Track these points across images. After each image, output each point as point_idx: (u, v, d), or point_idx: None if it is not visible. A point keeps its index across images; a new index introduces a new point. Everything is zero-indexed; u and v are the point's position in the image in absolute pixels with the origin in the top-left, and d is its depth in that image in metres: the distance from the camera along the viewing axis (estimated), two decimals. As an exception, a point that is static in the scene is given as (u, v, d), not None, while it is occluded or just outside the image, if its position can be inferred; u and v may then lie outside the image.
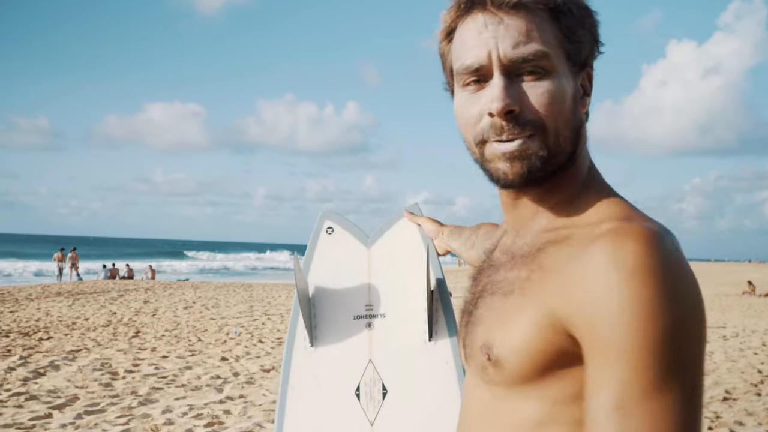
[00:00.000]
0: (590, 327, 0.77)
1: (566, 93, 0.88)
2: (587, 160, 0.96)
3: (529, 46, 0.86)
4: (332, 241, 1.80)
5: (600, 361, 0.76)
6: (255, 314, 13.13)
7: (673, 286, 0.74)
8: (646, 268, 0.74)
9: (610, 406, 0.74)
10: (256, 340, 9.70)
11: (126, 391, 6.24)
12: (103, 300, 15.27)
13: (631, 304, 0.74)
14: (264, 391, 6.36)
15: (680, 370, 0.73)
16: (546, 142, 0.88)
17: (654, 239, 0.77)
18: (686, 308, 0.75)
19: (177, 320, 11.83)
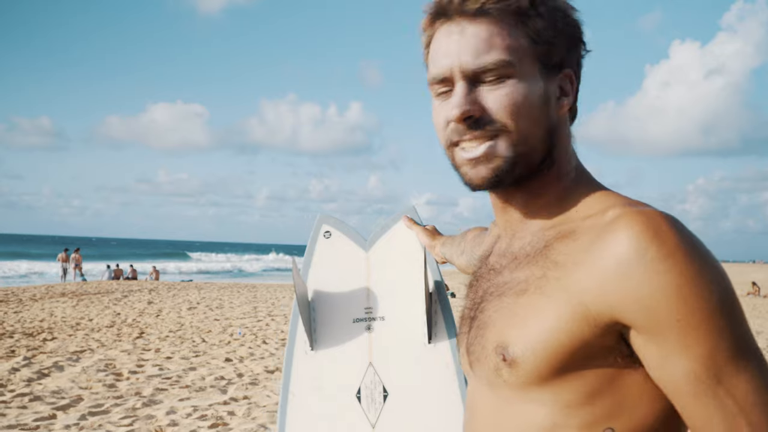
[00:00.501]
0: (647, 311, 0.79)
1: (532, 95, 0.90)
2: (573, 159, 0.98)
3: (490, 55, 0.88)
4: (330, 245, 1.80)
5: (676, 339, 0.78)
6: (259, 315, 13.12)
7: (708, 261, 0.78)
8: (681, 246, 0.78)
9: (710, 377, 0.77)
10: (260, 341, 9.69)
11: (130, 392, 6.23)
12: (107, 301, 15.28)
13: (684, 281, 0.76)
14: (268, 392, 6.35)
15: (746, 331, 0.78)
16: (512, 144, 0.90)
17: (670, 219, 0.81)
18: (725, 278, 0.79)
19: (181, 321, 11.83)
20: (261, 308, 14.57)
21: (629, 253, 0.79)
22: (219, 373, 7.24)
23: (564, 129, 0.97)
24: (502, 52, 0.88)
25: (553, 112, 0.94)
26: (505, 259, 0.98)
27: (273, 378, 7.02)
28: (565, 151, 0.97)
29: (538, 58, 0.91)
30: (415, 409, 1.66)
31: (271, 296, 18.19)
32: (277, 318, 12.63)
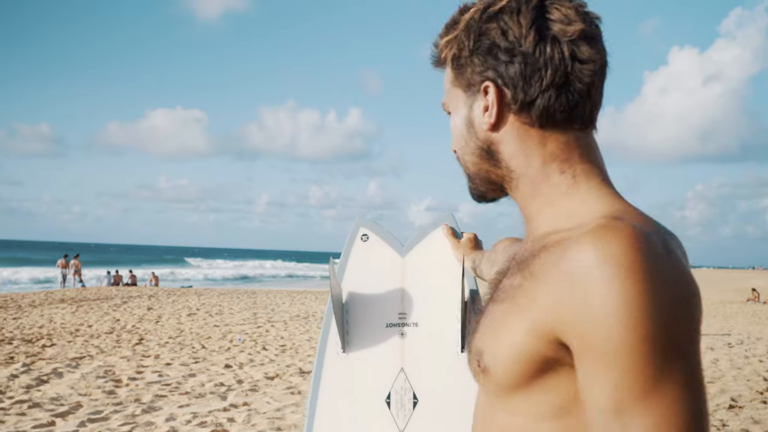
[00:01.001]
0: (579, 331, 0.77)
1: (458, 124, 1.01)
2: (549, 165, 0.94)
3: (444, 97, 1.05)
4: (367, 249, 1.82)
5: (592, 365, 0.76)
6: (259, 321, 13.10)
7: (657, 283, 0.74)
8: (633, 269, 0.73)
9: (610, 410, 0.74)
10: (260, 347, 9.67)
11: (129, 399, 6.21)
12: (106, 307, 15.26)
13: (617, 304, 0.73)
14: (268, 398, 6.33)
15: (672, 365, 0.73)
16: (463, 169, 1.05)
17: (636, 236, 0.77)
18: (673, 303, 0.74)
19: (181, 327, 11.81)
20: (261, 314, 14.55)
21: (580, 270, 0.77)
22: (219, 379, 7.22)
23: (510, 141, 0.95)
24: (444, 95, 1.04)
25: (480, 132, 0.97)
26: (512, 263, 0.98)
27: (273, 384, 7.01)
28: (525, 159, 0.95)
29: (460, 87, 0.99)
30: (444, 417, 1.66)
31: (270, 302, 18.17)
32: (277, 324, 12.61)
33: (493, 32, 0.93)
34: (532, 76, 0.91)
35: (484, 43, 0.94)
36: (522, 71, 0.91)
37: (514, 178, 0.97)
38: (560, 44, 0.91)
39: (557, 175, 0.94)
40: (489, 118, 0.95)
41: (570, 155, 0.94)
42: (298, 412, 5.83)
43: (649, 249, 0.75)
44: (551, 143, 0.94)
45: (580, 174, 0.94)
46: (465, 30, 0.95)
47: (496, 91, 0.93)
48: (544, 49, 0.91)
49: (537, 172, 0.95)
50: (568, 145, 0.95)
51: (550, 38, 0.91)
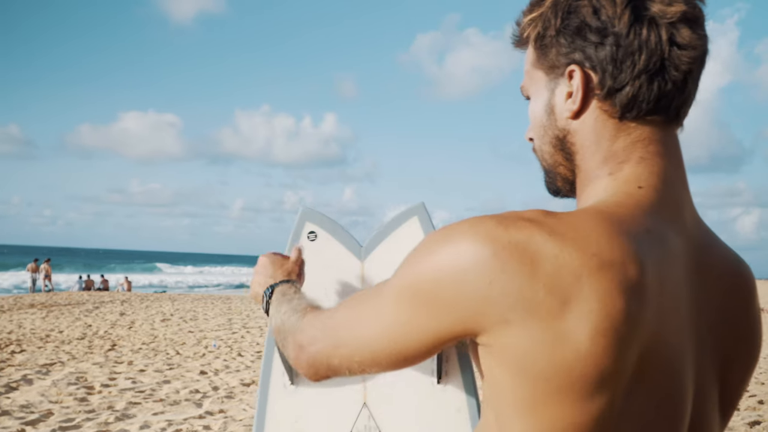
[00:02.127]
0: None
1: (537, 111, 0.94)
2: (605, 164, 0.88)
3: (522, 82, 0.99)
4: (316, 251, 1.47)
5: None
6: (234, 327, 12.96)
7: (432, 250, 0.80)
8: (444, 233, 0.80)
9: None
10: (235, 353, 9.55)
11: (102, 406, 6.08)
12: (77, 312, 14.99)
13: (421, 244, 0.83)
14: (244, 405, 6.25)
15: (389, 293, 0.85)
16: (539, 160, 0.98)
17: (476, 221, 0.80)
18: (435, 276, 0.79)
19: (154, 333, 11.63)
20: (236, 320, 14.40)
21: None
22: (194, 386, 7.11)
23: (585, 132, 0.88)
24: (524, 77, 0.97)
25: (561, 120, 0.89)
26: None
27: (249, 391, 6.92)
28: (590, 153, 0.89)
29: (542, 70, 0.91)
30: None
31: (245, 308, 18.00)
32: (253, 330, 12.49)
33: (583, 10, 0.85)
34: (624, 60, 0.84)
35: (572, 21, 0.86)
36: (613, 54, 0.84)
37: (578, 175, 0.91)
38: (658, 26, 0.83)
39: (605, 178, 0.87)
40: (572, 105, 0.87)
41: (630, 154, 0.86)
42: (276, 419, 5.75)
43: (457, 226, 0.80)
44: (623, 138, 0.87)
45: (622, 179, 0.86)
46: (552, 7, 0.88)
47: (582, 75, 0.86)
48: (639, 31, 0.83)
49: (593, 170, 0.88)
50: (639, 142, 0.87)
51: (647, 19, 0.83)
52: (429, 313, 0.80)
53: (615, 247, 0.74)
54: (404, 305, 0.82)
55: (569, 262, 0.73)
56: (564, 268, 0.73)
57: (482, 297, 0.75)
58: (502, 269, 0.74)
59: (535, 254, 0.74)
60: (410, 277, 0.82)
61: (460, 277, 0.76)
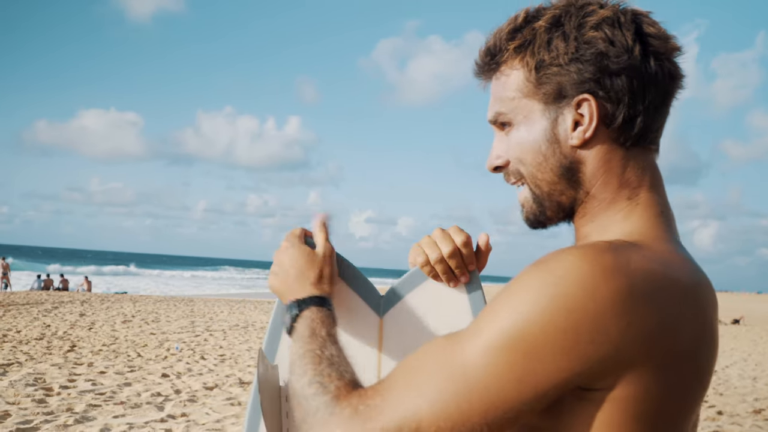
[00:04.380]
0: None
1: (531, 140, 0.92)
2: (622, 190, 0.91)
3: (493, 108, 0.95)
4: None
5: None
6: (197, 330, 12.82)
7: (559, 296, 0.74)
8: (553, 272, 0.76)
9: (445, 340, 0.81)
10: (198, 356, 9.45)
11: (61, 408, 5.96)
12: (36, 312, 14.66)
13: (516, 288, 0.77)
14: (207, 409, 6.19)
15: (505, 355, 0.75)
16: (530, 189, 0.94)
17: (591, 252, 0.77)
18: (554, 319, 0.74)
19: (115, 334, 11.44)
20: (198, 323, 14.24)
21: (534, 263, 0.81)
22: (155, 389, 7.02)
23: (597, 159, 0.90)
24: (500, 104, 0.94)
25: (566, 148, 0.90)
26: None
27: (212, 395, 6.86)
28: (605, 181, 0.90)
29: (536, 98, 0.90)
30: None
31: (209, 311, 17.81)
32: (216, 333, 12.37)
33: (599, 42, 0.86)
34: (639, 92, 0.87)
35: (587, 50, 0.86)
36: (629, 86, 0.87)
37: (585, 201, 0.92)
38: (661, 61, 0.88)
39: (624, 201, 0.91)
40: (582, 134, 0.88)
41: (642, 181, 0.91)
42: (239, 423, 5.71)
43: (584, 264, 0.75)
44: (631, 166, 0.91)
45: (643, 203, 0.91)
46: (553, 34, 0.88)
47: (596, 105, 0.87)
48: (649, 64, 0.87)
49: (610, 196, 0.91)
50: (644, 168, 0.92)
51: (653, 54, 0.88)
52: (548, 362, 0.74)
53: (703, 279, 0.84)
54: (507, 357, 0.75)
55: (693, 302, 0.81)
56: (690, 308, 0.79)
57: (618, 340, 0.73)
58: (636, 310, 0.74)
59: (663, 290, 0.77)
60: (522, 322, 0.74)
61: (596, 319, 0.73)
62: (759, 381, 9.54)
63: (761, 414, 7.15)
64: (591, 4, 0.89)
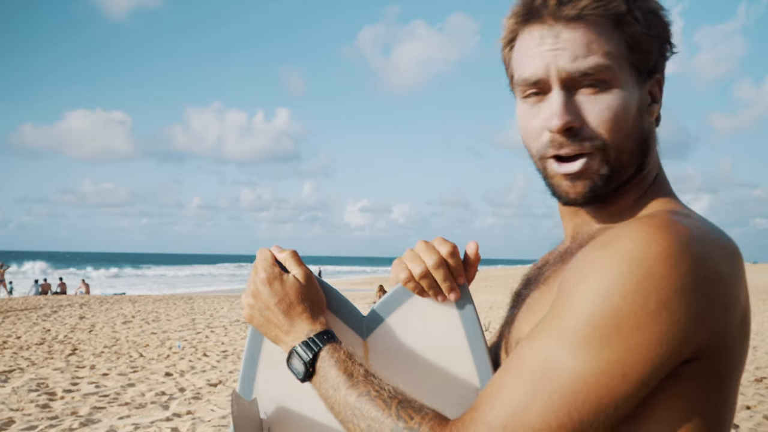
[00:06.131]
0: (558, 287, 0.81)
1: (630, 106, 0.86)
2: (655, 167, 0.95)
3: (589, 59, 0.84)
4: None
5: (547, 312, 0.80)
6: (198, 327, 12.81)
7: (643, 275, 0.73)
8: (626, 251, 0.75)
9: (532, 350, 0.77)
10: (200, 353, 9.45)
11: (65, 412, 5.96)
12: (35, 317, 14.62)
13: (592, 277, 0.75)
14: (212, 406, 6.19)
15: (602, 351, 0.73)
16: (608, 160, 0.87)
17: (665, 227, 0.76)
18: (643, 301, 0.73)
19: (116, 336, 11.43)
20: (199, 320, 14.23)
21: (598, 245, 0.79)
22: (159, 388, 7.02)
23: (652, 137, 0.94)
24: (601, 57, 0.84)
25: (646, 121, 0.91)
26: (555, 258, 0.97)
27: (216, 391, 6.86)
28: (654, 158, 0.95)
29: (634, 65, 0.87)
30: None
31: (209, 308, 17.81)
32: (217, 330, 12.37)
33: (670, 26, 0.90)
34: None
35: (663, 32, 0.90)
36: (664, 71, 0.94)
37: (637, 177, 0.92)
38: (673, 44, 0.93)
39: (654, 180, 0.94)
40: (656, 112, 0.93)
41: (658, 159, 0.96)
42: (244, 418, 5.71)
43: (667, 243, 0.74)
44: (656, 142, 0.96)
45: (662, 178, 0.96)
46: (655, 11, 0.89)
47: (661, 85, 0.94)
48: (672, 49, 0.93)
49: (652, 174, 0.94)
50: (658, 147, 0.96)
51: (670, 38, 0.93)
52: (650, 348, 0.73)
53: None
54: (609, 353, 0.73)
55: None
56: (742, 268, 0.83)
57: (706, 309, 0.75)
58: (715, 277, 0.76)
59: (729, 255, 0.80)
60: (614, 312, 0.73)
61: (686, 293, 0.73)
62: (759, 350, 9.59)
63: (762, 382, 7.19)
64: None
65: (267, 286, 0.96)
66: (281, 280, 0.96)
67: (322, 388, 0.90)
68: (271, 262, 0.98)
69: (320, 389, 0.90)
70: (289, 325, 0.94)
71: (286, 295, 0.95)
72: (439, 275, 0.97)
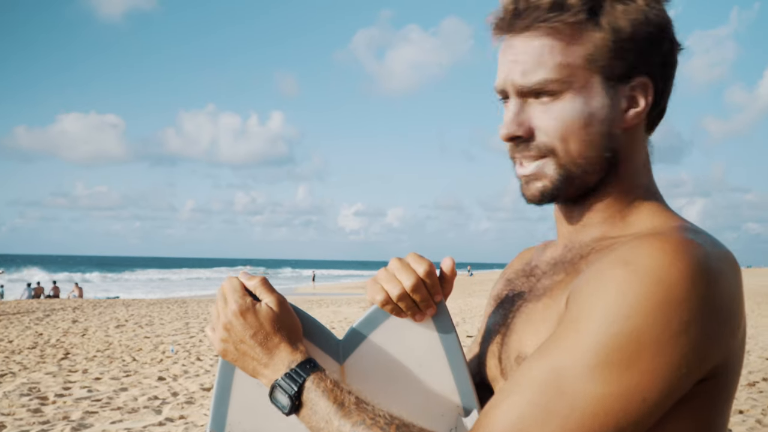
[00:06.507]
0: (570, 301, 0.79)
1: (586, 114, 0.86)
2: (642, 175, 0.92)
3: (538, 73, 0.85)
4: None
5: (559, 327, 0.78)
6: (191, 331, 12.77)
7: (665, 297, 0.72)
8: (660, 277, 0.73)
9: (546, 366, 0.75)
10: (194, 357, 9.42)
11: (57, 417, 5.93)
12: (27, 321, 14.56)
13: (613, 296, 0.73)
14: (205, 410, 6.17)
15: (622, 374, 0.72)
16: (559, 165, 0.88)
17: (682, 248, 0.75)
18: (666, 323, 0.72)
19: (109, 340, 11.39)
20: (193, 324, 14.19)
21: (609, 260, 0.77)
22: (152, 392, 6.99)
23: (633, 143, 0.90)
24: (550, 71, 0.84)
25: (616, 127, 0.87)
26: (548, 265, 0.96)
27: (209, 396, 6.83)
28: (634, 166, 0.91)
29: (598, 71, 0.86)
30: None
31: (202, 311, 17.76)
32: (211, 333, 12.33)
33: (670, 27, 0.86)
34: (671, 75, 0.89)
35: (662, 34, 0.86)
36: (670, 70, 0.89)
37: (610, 184, 0.90)
38: (675, 44, 0.90)
39: (642, 189, 0.92)
40: (636, 118, 0.88)
41: (649, 165, 0.94)
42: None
43: (681, 263, 0.73)
44: (645, 150, 0.93)
45: (652, 188, 0.93)
46: (637, 11, 0.84)
47: (652, 91, 0.87)
48: (675, 48, 0.89)
49: (632, 181, 0.91)
50: (648, 152, 0.94)
51: (672, 37, 0.89)
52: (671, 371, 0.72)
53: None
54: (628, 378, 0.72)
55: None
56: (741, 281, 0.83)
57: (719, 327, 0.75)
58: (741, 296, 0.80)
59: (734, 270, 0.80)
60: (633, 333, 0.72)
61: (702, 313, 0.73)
62: (752, 354, 9.62)
63: (755, 387, 7.21)
64: None
65: (240, 318, 0.91)
66: (254, 311, 0.91)
67: (312, 420, 0.85)
68: (242, 292, 0.93)
69: (309, 422, 0.86)
70: (268, 358, 0.90)
71: (261, 327, 0.90)
72: (417, 296, 0.93)
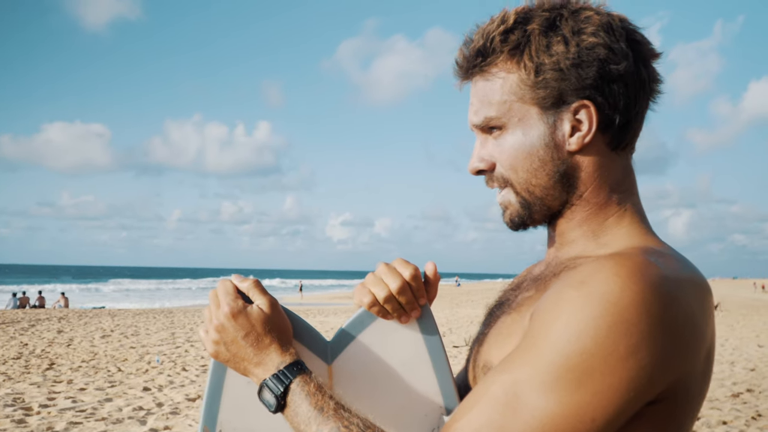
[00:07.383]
0: (533, 317, 0.82)
1: (527, 144, 0.91)
2: (615, 193, 0.93)
3: (482, 111, 0.93)
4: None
5: (521, 342, 0.81)
6: (177, 341, 12.70)
7: (615, 319, 0.74)
8: (601, 293, 0.76)
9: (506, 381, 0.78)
10: (179, 368, 9.37)
11: (41, 428, 5.88)
12: (12, 331, 14.42)
13: (566, 316, 0.76)
14: (190, 421, 6.14)
15: (573, 394, 0.75)
16: (517, 193, 0.94)
17: (637, 270, 0.77)
18: (615, 345, 0.74)
19: (94, 350, 11.30)
20: (179, 334, 14.11)
21: (569, 280, 0.80)
22: (137, 403, 6.95)
23: (592, 164, 0.91)
24: (491, 109, 0.92)
25: (562, 152, 0.90)
26: (530, 282, 0.98)
27: (195, 406, 6.81)
28: (600, 185, 0.92)
29: (532, 103, 0.89)
30: None
31: (189, 322, 17.66)
32: (197, 344, 12.27)
33: (600, 48, 0.87)
34: (633, 97, 0.89)
35: (589, 57, 0.87)
36: (626, 92, 0.89)
37: (576, 205, 0.93)
38: (648, 67, 0.91)
39: (614, 206, 0.93)
40: (581, 140, 0.90)
41: (629, 185, 0.95)
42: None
43: (636, 285, 0.76)
44: (620, 170, 0.94)
45: (630, 208, 0.94)
46: (561, 41, 0.87)
47: (595, 111, 0.88)
48: (640, 70, 0.89)
49: (602, 200, 0.93)
50: (629, 173, 0.95)
51: (642, 60, 0.90)
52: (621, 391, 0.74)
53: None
54: (579, 396, 0.74)
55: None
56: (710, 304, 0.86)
57: (675, 350, 0.77)
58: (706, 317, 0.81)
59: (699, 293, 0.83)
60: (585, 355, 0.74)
61: (655, 337, 0.75)
62: (737, 365, 9.69)
63: (739, 398, 7.27)
64: (584, 9, 0.90)
65: (232, 320, 0.93)
66: (246, 313, 0.94)
67: (294, 421, 0.89)
68: (234, 294, 0.96)
69: (292, 422, 0.90)
70: (259, 358, 0.93)
71: (252, 328, 0.93)
72: (403, 299, 0.98)
